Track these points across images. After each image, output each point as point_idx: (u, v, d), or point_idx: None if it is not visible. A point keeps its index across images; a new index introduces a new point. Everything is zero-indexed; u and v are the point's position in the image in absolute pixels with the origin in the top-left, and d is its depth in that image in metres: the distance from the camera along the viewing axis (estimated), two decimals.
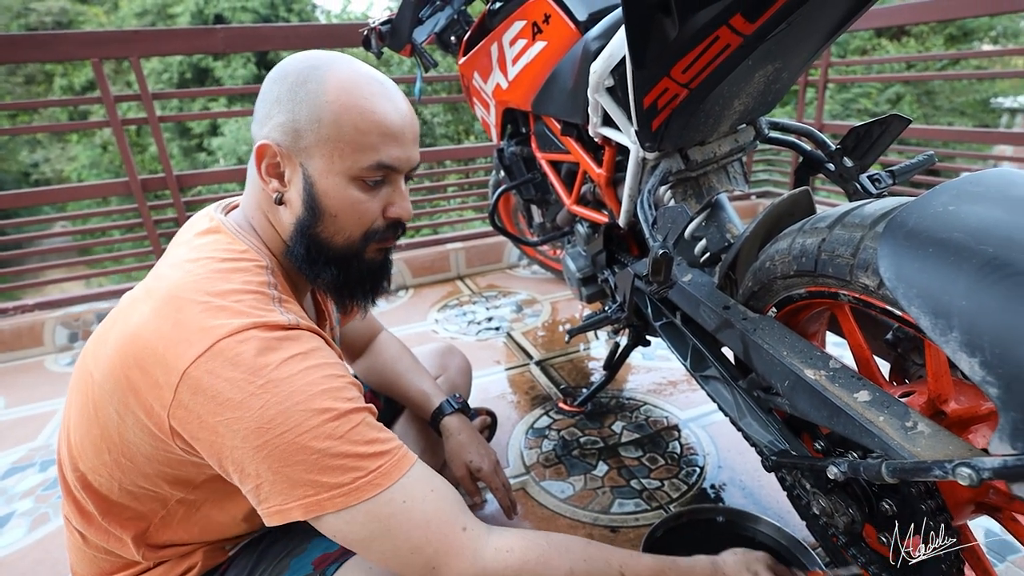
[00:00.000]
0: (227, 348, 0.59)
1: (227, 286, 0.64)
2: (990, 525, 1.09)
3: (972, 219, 0.51)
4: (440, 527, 0.65)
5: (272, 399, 0.59)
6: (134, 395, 0.62)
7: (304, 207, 0.70)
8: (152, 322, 0.62)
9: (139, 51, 2.03)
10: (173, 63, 14.14)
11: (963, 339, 0.47)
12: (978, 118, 11.40)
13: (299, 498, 0.61)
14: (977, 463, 0.47)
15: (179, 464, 0.66)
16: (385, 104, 0.70)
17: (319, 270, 0.74)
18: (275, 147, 0.69)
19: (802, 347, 0.74)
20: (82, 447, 0.69)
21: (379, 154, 0.69)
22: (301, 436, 0.59)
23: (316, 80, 0.68)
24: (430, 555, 0.64)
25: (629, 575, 0.73)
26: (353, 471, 0.61)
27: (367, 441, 0.63)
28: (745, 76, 0.77)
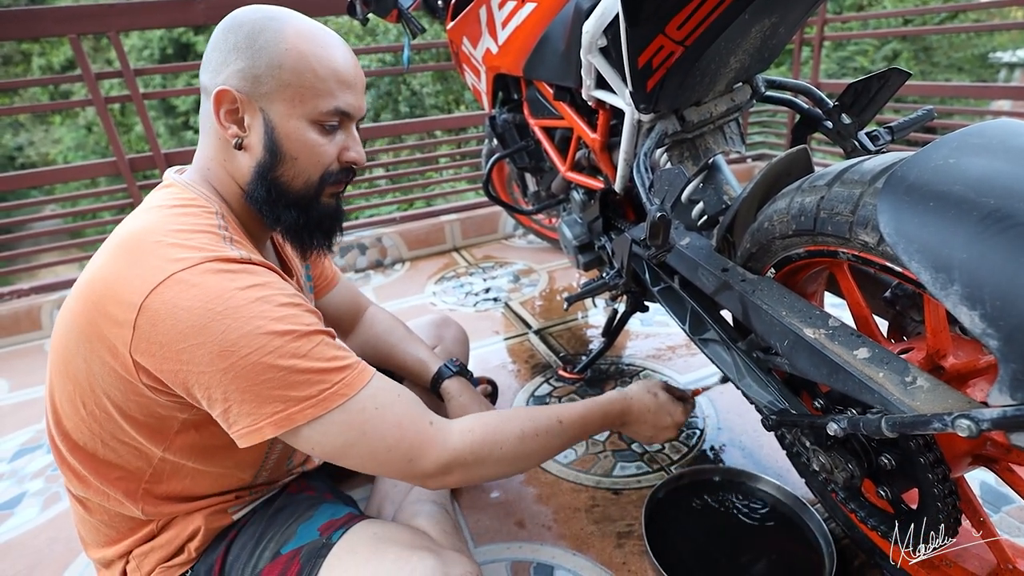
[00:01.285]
0: (183, 278, 0.61)
1: (177, 227, 0.67)
2: (985, 477, 1.11)
3: (973, 171, 0.50)
4: (411, 424, 0.72)
5: (233, 324, 0.61)
6: (98, 339, 0.64)
7: (265, 150, 0.73)
8: (107, 266, 0.65)
9: (117, 25, 1.97)
10: (153, 39, 13.76)
11: (964, 292, 0.47)
12: (976, 73, 11.24)
13: (269, 415, 0.63)
14: (976, 414, 0.48)
15: (150, 408, 0.67)
16: (338, 53, 0.74)
17: (279, 212, 0.77)
18: (235, 93, 0.70)
19: (801, 307, 0.74)
20: (62, 406, 0.71)
21: (336, 99, 0.73)
22: (266, 356, 0.62)
23: (274, 29, 0.71)
24: (405, 449, 0.70)
25: (565, 420, 0.86)
26: (319, 384, 0.65)
27: (329, 358, 0.66)
28: (741, 31, 0.75)
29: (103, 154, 13.30)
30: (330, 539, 0.77)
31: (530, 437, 0.80)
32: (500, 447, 0.77)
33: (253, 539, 0.80)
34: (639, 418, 0.97)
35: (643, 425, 0.98)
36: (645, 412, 0.97)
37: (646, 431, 0.99)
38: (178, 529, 0.78)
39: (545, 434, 0.82)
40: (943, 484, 0.64)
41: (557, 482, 1.18)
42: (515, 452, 0.79)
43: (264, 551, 0.78)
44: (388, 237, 2.50)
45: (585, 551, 1.02)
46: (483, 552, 1.03)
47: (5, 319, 2.06)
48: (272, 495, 0.88)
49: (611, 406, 0.94)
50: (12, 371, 1.89)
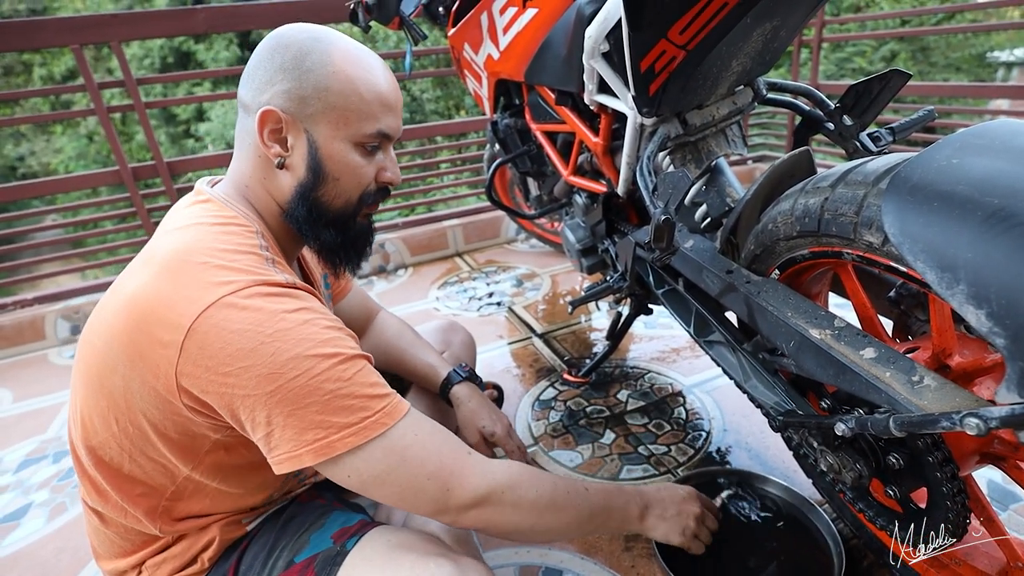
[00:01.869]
0: (232, 303, 0.61)
1: (222, 247, 0.67)
2: (992, 475, 1.11)
3: (976, 171, 0.51)
4: (451, 452, 0.71)
5: (283, 346, 0.61)
6: (140, 358, 0.63)
7: (308, 171, 0.74)
8: (151, 284, 0.64)
9: (120, 35, 1.98)
10: (154, 48, 13.82)
11: (970, 291, 0.47)
12: (974, 73, 11.27)
13: (309, 442, 0.63)
14: (985, 413, 0.48)
15: (186, 427, 0.67)
16: (382, 77, 0.75)
17: (319, 231, 0.78)
18: (280, 113, 0.71)
19: (807, 307, 0.74)
20: (91, 421, 0.70)
21: (379, 122, 0.74)
22: (313, 379, 0.62)
23: (321, 52, 0.71)
24: (445, 478, 0.69)
25: (591, 488, 0.82)
26: (361, 411, 0.64)
27: (371, 384, 0.66)
28: (743, 35, 0.76)
29: (104, 163, 13.34)
30: (344, 547, 0.77)
31: (562, 491, 0.77)
32: (536, 489, 0.75)
33: (265, 549, 0.80)
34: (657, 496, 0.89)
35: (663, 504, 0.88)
36: (658, 491, 0.90)
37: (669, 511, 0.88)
38: (192, 540, 0.78)
39: (574, 493, 0.79)
40: (952, 483, 0.64)
41: None
42: (548, 500, 0.75)
43: (277, 560, 0.78)
44: (391, 243, 2.51)
45: (593, 555, 1.02)
46: (492, 557, 1.03)
47: (8, 329, 2.06)
48: (283, 505, 0.88)
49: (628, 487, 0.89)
50: (16, 381, 1.89)
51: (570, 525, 0.78)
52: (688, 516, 0.89)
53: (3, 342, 2.06)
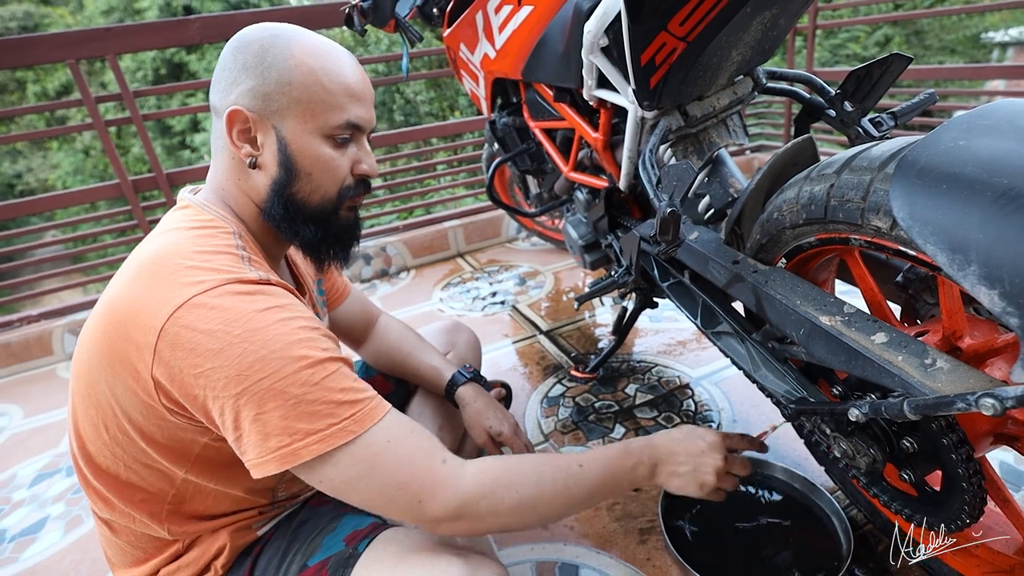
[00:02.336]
0: (203, 302, 0.61)
1: (196, 248, 0.67)
2: (1004, 457, 1.11)
3: (984, 152, 0.51)
4: (423, 462, 0.68)
5: (250, 347, 0.60)
6: (119, 362, 0.64)
7: (280, 167, 0.73)
8: (127, 289, 0.65)
9: (115, 48, 1.98)
10: (146, 60, 13.83)
11: (981, 272, 0.47)
12: (969, 55, 11.25)
13: (273, 449, 0.62)
14: (1000, 392, 0.48)
15: (171, 431, 0.67)
16: (346, 67, 0.74)
17: (298, 228, 0.76)
18: (246, 112, 0.71)
19: (815, 295, 0.74)
20: (85, 430, 0.71)
21: (347, 113, 0.73)
22: (278, 382, 0.61)
23: (281, 46, 0.71)
24: (415, 490, 0.66)
25: (585, 463, 0.77)
26: (327, 417, 0.63)
27: (341, 389, 0.64)
28: (743, 25, 0.76)
29: (101, 177, 13.34)
30: (356, 549, 0.77)
31: (548, 481, 0.73)
32: (516, 489, 0.70)
33: (279, 554, 0.81)
34: (668, 450, 0.82)
35: (676, 458, 0.81)
36: (672, 442, 0.83)
37: (683, 466, 0.81)
38: (204, 547, 0.79)
39: (564, 477, 0.74)
40: (967, 464, 0.64)
41: None
42: (532, 497, 0.71)
43: (291, 564, 0.78)
44: (392, 246, 2.51)
45: (608, 549, 1.02)
46: (507, 554, 1.03)
47: (16, 346, 2.07)
48: (294, 509, 0.88)
49: (633, 442, 0.83)
50: (26, 397, 1.90)
51: (565, 509, 0.75)
52: (706, 470, 0.81)
53: (11, 359, 2.07)
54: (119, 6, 14.76)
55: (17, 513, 1.35)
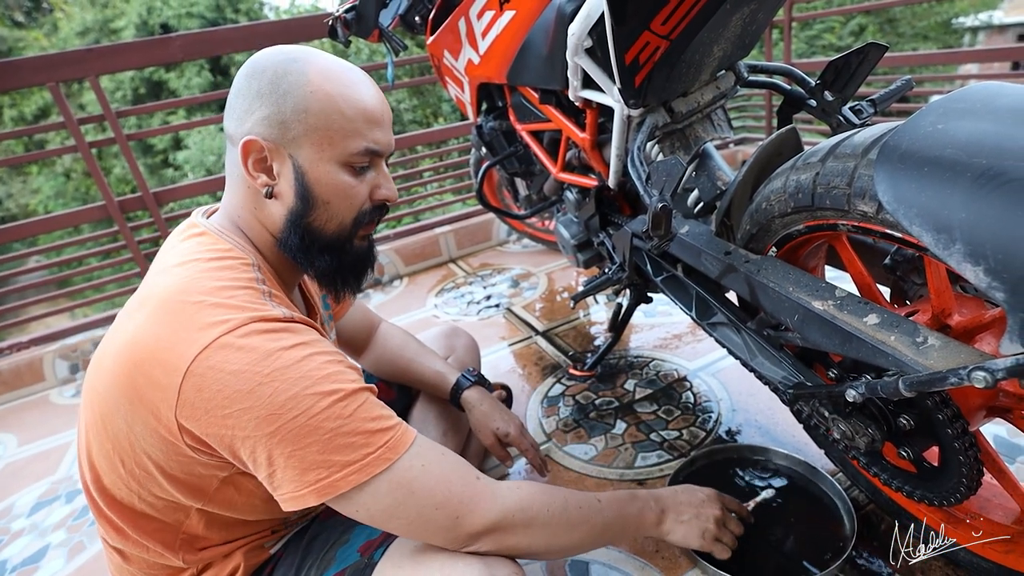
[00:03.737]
0: (229, 343, 0.60)
1: (217, 284, 0.65)
2: (998, 431, 1.14)
3: (962, 134, 0.52)
4: (460, 480, 0.69)
5: (281, 386, 0.60)
6: (140, 401, 0.63)
7: (296, 197, 0.71)
8: (149, 327, 0.63)
9: (96, 69, 1.97)
10: (125, 80, 13.72)
11: (966, 250, 0.49)
12: (941, 40, 11.45)
13: (311, 483, 0.62)
14: (991, 365, 0.49)
15: (191, 467, 0.67)
16: (365, 91, 0.72)
17: (314, 258, 0.75)
18: (261, 141, 0.69)
19: (807, 281, 0.76)
20: (99, 463, 0.70)
21: (366, 139, 0.71)
22: (313, 419, 0.61)
23: (297, 72, 0.69)
24: (455, 506, 0.67)
25: (603, 498, 0.81)
26: (363, 447, 0.63)
27: (373, 418, 0.65)
28: (723, 21, 0.77)
29: (83, 200, 13.20)
30: (372, 558, 0.77)
31: (573, 507, 0.76)
32: (547, 508, 0.74)
33: (292, 569, 0.81)
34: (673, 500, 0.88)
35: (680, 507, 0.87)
36: (675, 493, 0.90)
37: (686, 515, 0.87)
38: (216, 569, 0.78)
39: (587, 507, 0.78)
40: (963, 438, 0.66)
41: (581, 479, 1.19)
42: (561, 518, 0.74)
43: None
44: (383, 254, 2.51)
45: (617, 543, 1.03)
46: None
47: (7, 373, 2.04)
48: (304, 525, 0.88)
49: (638, 491, 0.88)
50: (20, 425, 1.88)
51: (584, 540, 0.78)
52: (707, 519, 0.87)
53: (3, 387, 2.04)
54: (95, 27, 14.64)
55: (17, 543, 1.34)
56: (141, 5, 13.96)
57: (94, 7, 15.26)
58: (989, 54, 2.64)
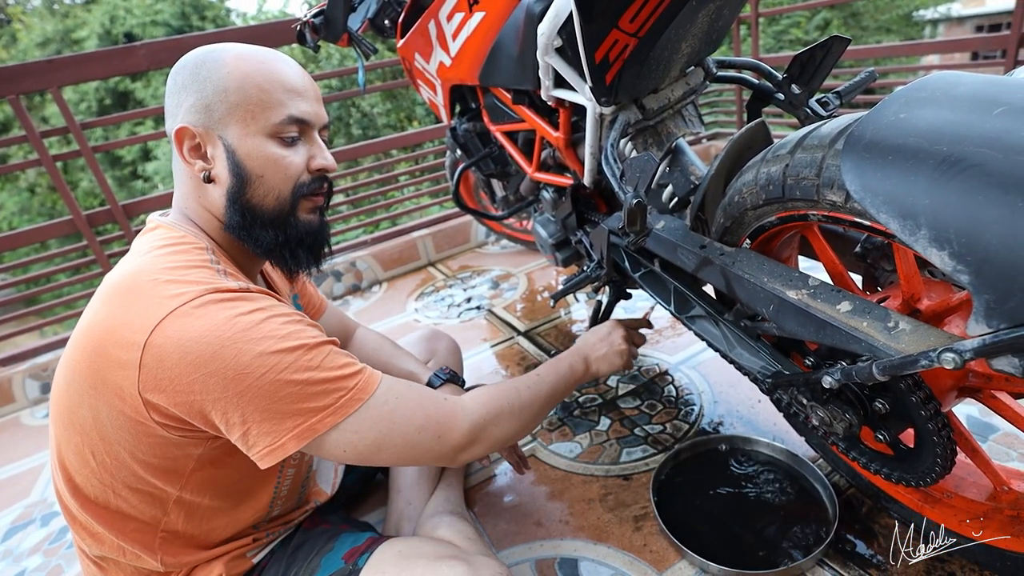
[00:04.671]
0: (186, 312, 0.62)
1: (171, 265, 0.67)
2: (970, 411, 1.17)
3: (923, 123, 0.54)
4: (431, 403, 0.76)
5: (244, 347, 0.62)
6: (102, 384, 0.63)
7: (231, 175, 0.73)
8: (104, 310, 0.65)
9: (59, 80, 1.92)
10: (89, 91, 13.40)
11: (931, 235, 0.50)
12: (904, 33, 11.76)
13: (289, 430, 0.64)
14: (959, 347, 0.51)
15: (163, 449, 0.67)
16: (281, 65, 0.75)
17: (257, 234, 0.76)
18: (191, 128, 0.71)
19: (781, 271, 0.77)
20: (69, 460, 0.70)
21: (287, 108, 0.73)
22: (281, 373, 0.63)
23: (214, 59, 0.72)
24: (434, 427, 0.74)
25: (540, 371, 0.95)
26: (336, 392, 0.67)
27: (340, 366, 0.68)
28: (690, 18, 0.78)
29: (50, 215, 12.86)
30: (356, 565, 0.77)
31: (524, 388, 0.88)
32: (507, 400, 0.83)
33: None
34: (585, 343, 1.05)
35: (594, 346, 1.04)
36: (585, 338, 1.07)
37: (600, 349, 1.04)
38: None
39: (533, 385, 0.90)
40: (936, 418, 0.67)
41: (567, 477, 1.19)
42: (517, 402, 0.85)
43: None
44: (361, 260, 2.49)
45: (605, 539, 1.03)
46: (506, 555, 1.03)
47: None
48: (288, 534, 0.87)
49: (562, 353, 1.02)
50: None
51: (542, 409, 0.90)
52: (617, 341, 1.05)
53: None
54: (55, 37, 14.27)
55: None
56: (103, 14, 13.64)
57: (54, 17, 14.90)
58: (949, 45, 2.72)
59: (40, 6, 16.05)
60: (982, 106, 0.51)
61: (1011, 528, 0.75)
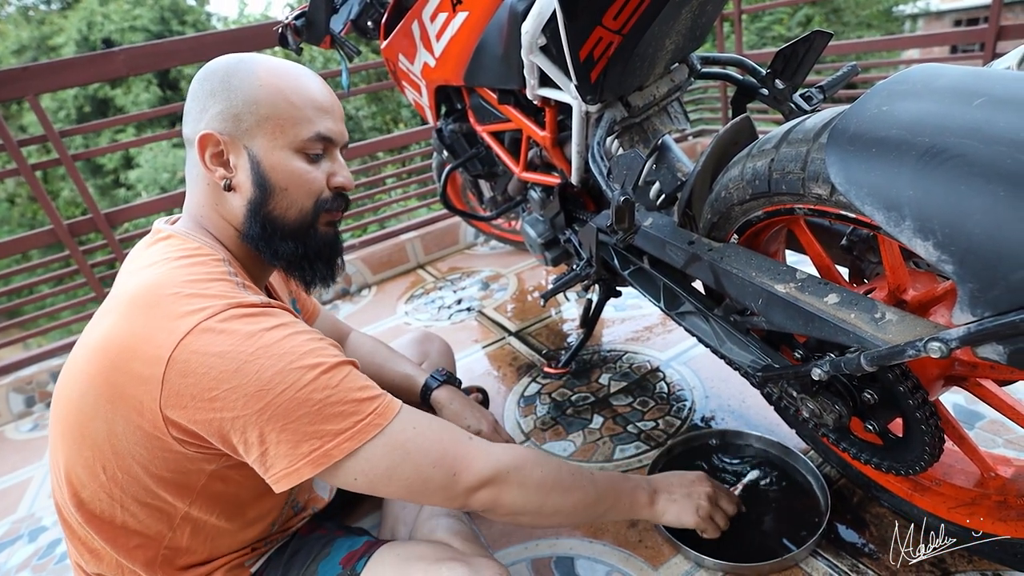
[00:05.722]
0: (210, 327, 0.61)
1: (191, 277, 0.66)
2: (956, 399, 1.18)
3: (905, 115, 0.54)
4: (452, 438, 0.72)
5: (266, 363, 0.61)
6: (120, 399, 0.62)
7: (254, 186, 0.73)
8: (122, 324, 0.64)
9: (35, 88, 1.89)
10: (68, 98, 13.21)
11: (915, 226, 0.51)
12: (884, 28, 11.93)
13: (306, 454, 0.62)
14: (944, 335, 0.51)
15: (177, 463, 0.66)
16: (312, 82, 0.76)
17: (277, 246, 0.77)
18: (217, 135, 0.72)
19: (768, 265, 0.77)
20: (76, 474, 0.69)
21: (316, 125, 0.74)
22: (300, 391, 0.62)
23: (246, 69, 0.73)
24: (450, 463, 0.70)
25: (597, 475, 0.84)
26: (353, 415, 0.65)
27: (360, 387, 0.67)
28: (673, 14, 0.79)
29: (30, 225, 12.66)
30: (354, 569, 0.76)
31: (567, 472, 0.78)
32: (541, 468, 0.76)
33: None
34: (665, 481, 0.92)
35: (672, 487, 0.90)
36: (666, 476, 0.93)
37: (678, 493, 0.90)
38: None
39: (580, 476, 0.80)
40: (924, 407, 0.68)
41: None
42: (554, 480, 0.76)
43: None
44: (350, 264, 2.47)
45: (601, 536, 1.03)
46: (502, 556, 1.03)
47: None
48: (284, 542, 0.87)
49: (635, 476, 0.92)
50: None
51: (577, 507, 0.79)
52: (699, 496, 0.90)
53: None
54: (31, 44, 14.06)
55: None
56: (80, 20, 13.46)
57: (29, 24, 14.67)
58: (929, 39, 2.75)
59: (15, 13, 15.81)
60: (963, 97, 0.51)
61: (999, 513, 0.76)
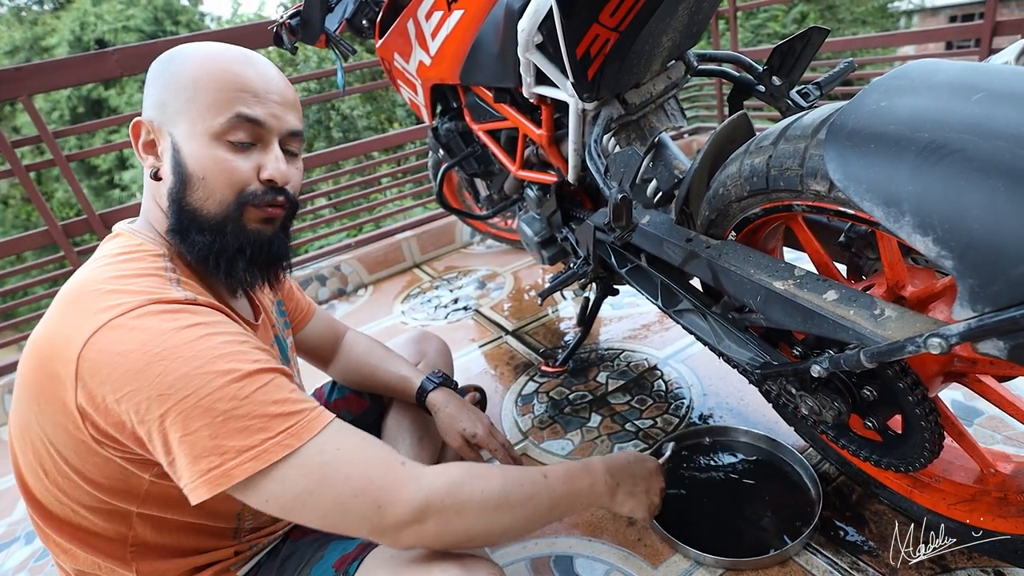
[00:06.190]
0: (121, 324, 0.58)
1: (118, 274, 0.64)
2: (955, 395, 1.18)
3: (904, 111, 0.54)
4: (380, 465, 0.64)
5: (171, 365, 0.57)
6: (45, 399, 0.60)
7: (173, 174, 0.69)
8: (48, 323, 0.62)
9: (28, 88, 1.88)
10: (62, 99, 13.15)
11: (915, 222, 0.51)
12: (879, 25, 11.96)
13: (204, 472, 0.57)
14: (944, 331, 0.51)
15: (108, 469, 0.63)
16: (245, 67, 0.71)
17: (192, 238, 0.70)
18: (147, 123, 0.70)
19: (767, 262, 0.77)
20: (27, 475, 0.68)
21: (236, 107, 0.68)
22: (204, 399, 0.57)
23: (184, 55, 0.70)
24: (374, 494, 0.62)
25: (550, 473, 0.77)
26: (261, 432, 0.58)
27: (275, 401, 0.60)
28: (670, 11, 0.78)
29: (24, 227, 12.60)
30: (347, 573, 0.75)
31: (514, 485, 0.70)
32: (481, 490, 0.67)
33: None
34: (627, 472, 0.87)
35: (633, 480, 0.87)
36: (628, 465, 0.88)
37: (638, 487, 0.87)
38: None
39: (530, 485, 0.72)
40: (923, 404, 0.68)
41: None
42: (499, 498, 0.68)
43: None
44: (346, 264, 2.47)
45: (600, 535, 1.03)
46: (500, 555, 1.03)
47: None
48: (275, 545, 0.86)
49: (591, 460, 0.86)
50: None
51: (530, 520, 0.73)
52: (654, 492, 0.89)
53: None
54: (23, 45, 13.98)
55: None
56: (73, 21, 13.40)
57: (22, 25, 14.60)
58: (924, 35, 2.76)
59: (7, 13, 15.72)
60: (961, 93, 0.51)
61: (998, 509, 0.76)
